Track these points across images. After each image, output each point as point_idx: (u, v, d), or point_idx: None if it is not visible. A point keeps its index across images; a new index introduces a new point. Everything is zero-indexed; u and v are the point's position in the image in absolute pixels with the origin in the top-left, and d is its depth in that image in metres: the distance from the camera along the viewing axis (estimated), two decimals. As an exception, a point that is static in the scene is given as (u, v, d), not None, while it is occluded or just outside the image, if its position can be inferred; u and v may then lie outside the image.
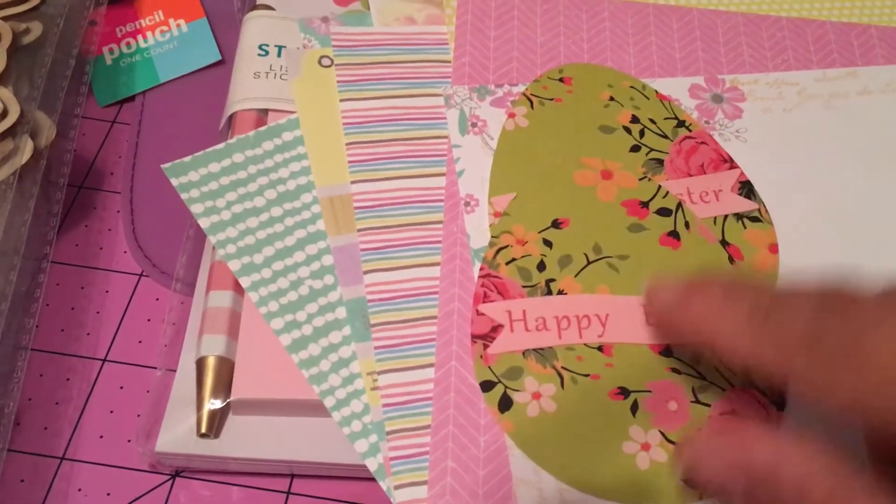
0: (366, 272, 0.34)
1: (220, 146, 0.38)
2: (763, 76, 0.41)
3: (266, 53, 0.41)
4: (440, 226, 0.35)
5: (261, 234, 0.36)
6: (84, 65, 0.43)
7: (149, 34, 0.45)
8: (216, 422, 0.32)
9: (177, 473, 0.33)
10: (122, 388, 0.35)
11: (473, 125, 0.38)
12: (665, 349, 0.33)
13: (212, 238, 0.35)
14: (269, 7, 0.43)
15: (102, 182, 0.41)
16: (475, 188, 0.36)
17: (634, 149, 0.38)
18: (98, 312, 0.37)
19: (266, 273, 0.35)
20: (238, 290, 0.35)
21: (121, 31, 0.45)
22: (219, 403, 0.33)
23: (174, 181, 0.37)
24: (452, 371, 0.32)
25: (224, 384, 0.33)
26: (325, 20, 0.42)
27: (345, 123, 0.38)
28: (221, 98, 0.41)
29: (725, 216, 0.36)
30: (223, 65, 0.45)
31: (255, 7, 0.43)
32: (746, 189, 0.37)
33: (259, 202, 0.36)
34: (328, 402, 0.32)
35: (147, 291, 0.38)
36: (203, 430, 0.32)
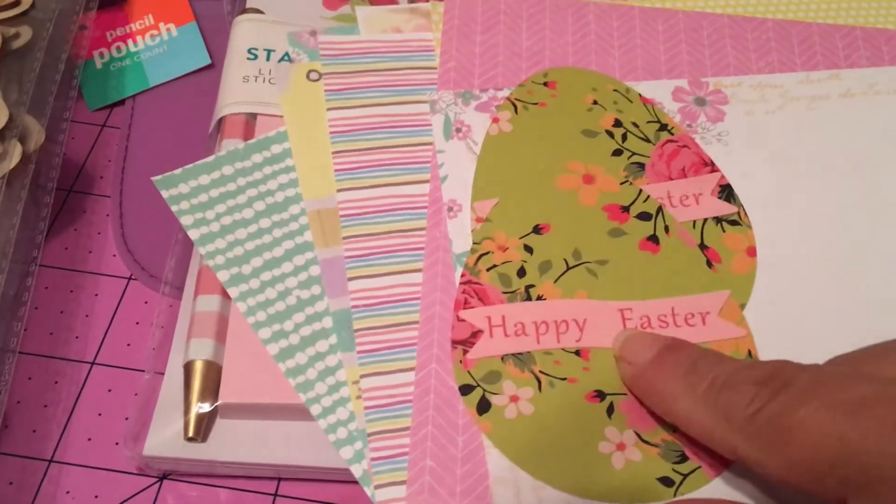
0: (350, 279, 0.34)
1: (210, 159, 0.38)
2: (747, 79, 0.41)
3: (255, 57, 0.41)
4: (424, 232, 0.36)
5: (249, 245, 0.36)
6: (74, 69, 0.43)
7: (139, 38, 0.46)
8: (204, 425, 0.33)
9: (165, 476, 0.34)
10: (111, 391, 0.36)
11: (458, 130, 0.38)
12: None
13: (201, 249, 0.36)
14: (259, 11, 0.43)
15: (92, 186, 0.41)
16: (458, 193, 0.37)
17: (617, 153, 0.38)
18: (87, 316, 0.38)
19: (254, 283, 0.35)
20: (226, 295, 0.35)
21: (111, 36, 0.46)
22: (206, 407, 0.33)
23: (164, 193, 0.37)
24: (432, 373, 0.32)
25: (212, 388, 0.33)
26: (314, 34, 0.42)
27: (332, 132, 0.38)
28: (211, 102, 0.41)
29: (705, 220, 0.36)
30: (213, 69, 0.45)
31: (245, 11, 0.43)
32: (726, 192, 0.37)
33: (248, 214, 0.37)
34: (314, 410, 0.32)
35: (136, 295, 0.38)
36: (191, 434, 0.32)
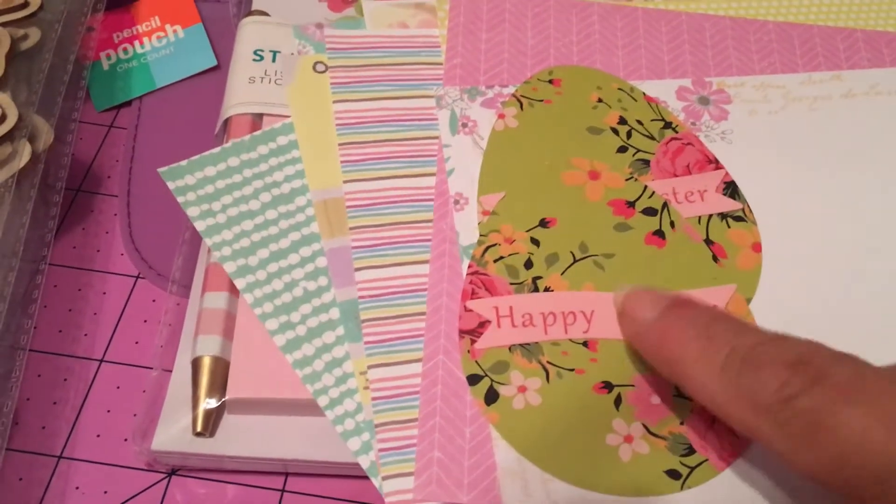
0: (357, 269, 0.35)
1: (216, 150, 0.38)
2: (749, 79, 0.41)
3: (261, 59, 0.42)
4: (430, 224, 0.36)
5: (256, 237, 0.36)
6: (81, 70, 0.43)
7: (145, 40, 0.46)
8: (211, 421, 0.33)
9: (173, 472, 0.34)
10: (119, 388, 0.36)
11: (464, 125, 0.39)
12: None
13: (208, 241, 0.36)
14: (264, 13, 0.44)
15: (99, 185, 0.42)
16: (465, 187, 0.37)
17: (622, 150, 0.38)
18: (95, 314, 0.38)
19: (261, 275, 0.35)
20: (233, 292, 0.35)
21: (118, 37, 0.46)
22: (214, 403, 0.33)
23: (171, 185, 0.37)
24: (440, 364, 0.33)
25: (219, 384, 0.33)
26: (320, 26, 0.42)
27: (338, 124, 0.39)
28: (217, 103, 0.41)
29: (710, 216, 0.36)
30: (219, 70, 0.45)
31: (251, 13, 0.44)
32: (731, 189, 0.37)
33: (254, 205, 0.37)
34: (322, 401, 0.32)
35: (143, 293, 0.38)
36: (199, 429, 0.32)
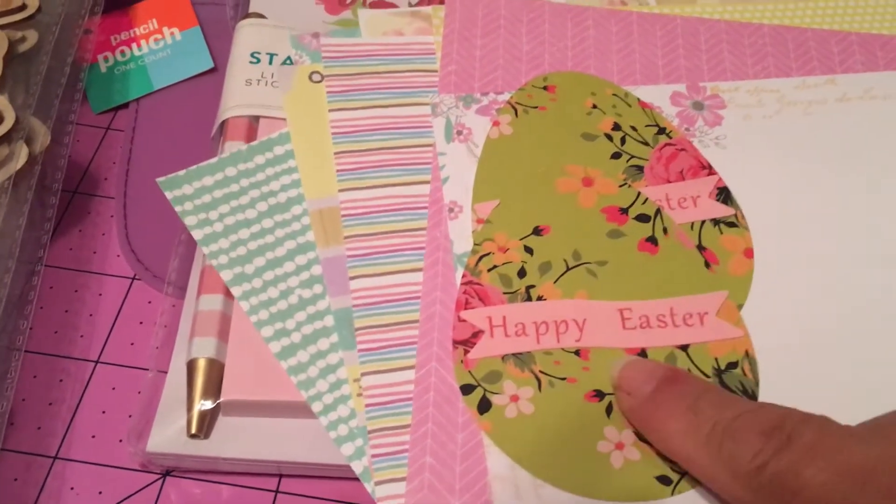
0: (352, 278, 0.35)
1: (214, 160, 0.38)
2: (744, 83, 0.41)
3: (258, 61, 0.42)
4: (425, 232, 0.36)
5: (252, 245, 0.36)
6: (79, 72, 0.43)
7: (143, 42, 0.46)
8: (206, 422, 0.33)
9: (167, 473, 0.34)
10: (115, 389, 0.36)
11: (459, 133, 0.39)
12: (640, 353, 0.33)
13: (205, 249, 0.36)
14: (261, 16, 0.44)
15: (96, 187, 0.42)
16: (459, 195, 0.37)
17: (615, 156, 0.38)
18: (91, 315, 0.38)
19: (257, 283, 0.35)
20: (228, 294, 0.35)
21: (115, 40, 0.46)
22: (209, 404, 0.33)
23: (168, 194, 0.37)
24: (432, 372, 0.33)
25: (214, 386, 0.33)
26: (316, 36, 0.42)
27: (333, 133, 0.39)
28: (214, 105, 0.42)
29: (703, 221, 0.37)
30: (216, 72, 0.45)
31: (248, 16, 0.44)
32: (724, 195, 0.37)
33: (251, 214, 0.37)
34: (316, 407, 0.33)
35: (139, 295, 0.39)
36: (193, 431, 0.33)
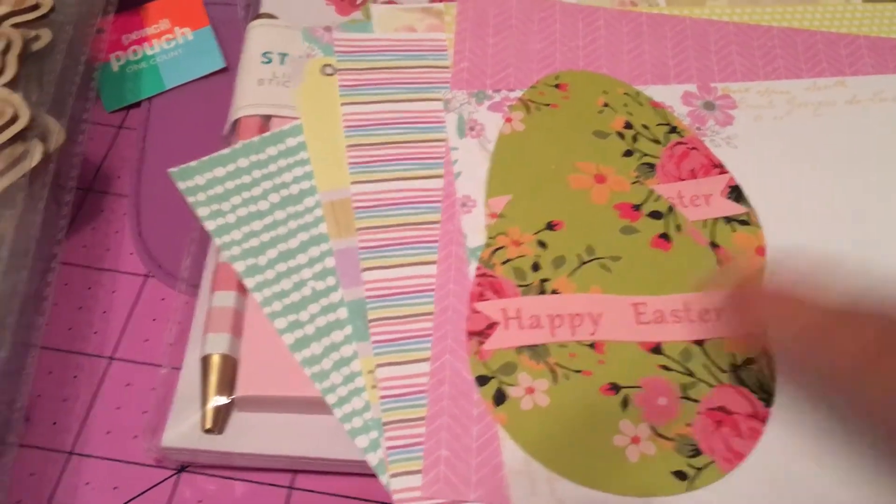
0: (364, 270, 0.35)
1: (226, 151, 0.38)
2: (754, 84, 0.41)
3: (269, 61, 0.42)
4: (437, 226, 0.36)
5: (265, 237, 0.36)
6: (92, 71, 0.43)
7: (155, 42, 0.46)
8: (221, 418, 0.33)
9: (182, 468, 0.34)
10: (129, 386, 0.36)
11: (471, 129, 0.39)
12: (655, 347, 0.33)
13: (217, 240, 0.36)
14: (273, 16, 0.44)
15: (109, 185, 0.42)
16: (472, 190, 0.37)
17: (627, 154, 0.39)
18: (105, 312, 0.38)
19: (270, 274, 0.35)
20: (241, 291, 0.35)
21: (127, 39, 0.46)
22: (223, 400, 0.33)
23: (181, 185, 0.37)
24: (447, 364, 0.33)
25: (228, 381, 0.33)
26: (329, 29, 0.42)
27: (346, 126, 0.39)
28: (225, 104, 0.42)
29: (715, 219, 0.37)
30: (227, 72, 0.46)
31: (259, 16, 0.44)
32: (735, 193, 0.37)
33: (263, 206, 0.37)
34: (330, 400, 0.33)
35: (153, 292, 0.39)
36: (208, 426, 0.33)
